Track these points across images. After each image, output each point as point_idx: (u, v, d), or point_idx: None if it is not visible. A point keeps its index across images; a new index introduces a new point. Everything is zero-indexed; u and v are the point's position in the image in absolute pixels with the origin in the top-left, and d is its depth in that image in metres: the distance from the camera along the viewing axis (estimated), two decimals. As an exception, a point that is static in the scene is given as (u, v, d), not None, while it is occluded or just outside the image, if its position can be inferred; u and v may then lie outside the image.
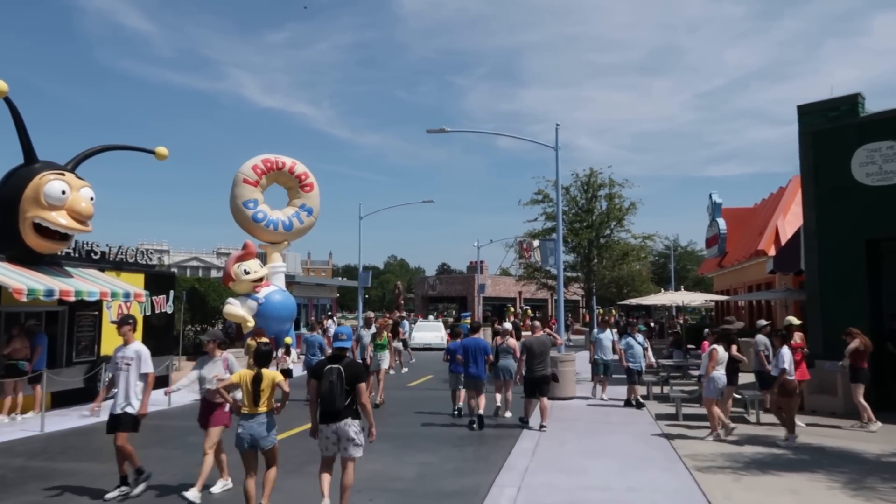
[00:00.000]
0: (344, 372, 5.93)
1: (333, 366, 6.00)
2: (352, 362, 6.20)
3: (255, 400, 6.18)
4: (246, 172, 24.36)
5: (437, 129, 16.42)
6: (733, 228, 25.38)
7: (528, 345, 11.15)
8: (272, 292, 24.20)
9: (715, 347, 10.21)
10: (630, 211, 17.48)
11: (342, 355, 6.18)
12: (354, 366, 6.19)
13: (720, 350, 10.17)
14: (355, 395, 5.99)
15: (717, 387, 10.03)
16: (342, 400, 5.89)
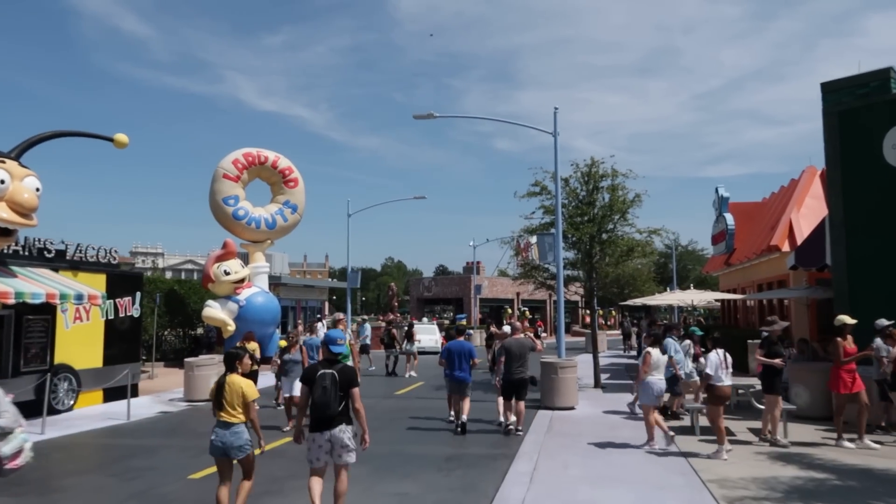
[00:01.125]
0: (338, 377, 5.78)
1: (327, 371, 5.82)
2: (345, 367, 5.97)
3: (219, 405, 5.98)
4: (226, 167, 23.03)
5: (424, 114, 15.09)
6: (741, 224, 24.08)
7: (507, 346, 10.86)
8: (254, 294, 22.87)
9: (649, 350, 9.74)
10: (635, 203, 16.08)
11: (336, 360, 6.01)
12: (348, 370, 5.95)
13: (654, 353, 9.69)
14: (349, 401, 5.86)
15: (653, 393, 9.58)
16: (336, 406, 5.74)
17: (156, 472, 8.65)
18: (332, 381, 5.72)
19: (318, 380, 5.75)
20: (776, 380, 9.75)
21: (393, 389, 17.14)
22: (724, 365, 9.02)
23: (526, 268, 17.66)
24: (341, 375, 5.80)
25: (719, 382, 8.97)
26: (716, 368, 8.99)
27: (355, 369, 6.67)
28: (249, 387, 6.03)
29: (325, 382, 5.72)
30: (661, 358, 9.79)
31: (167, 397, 15.82)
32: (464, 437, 10.75)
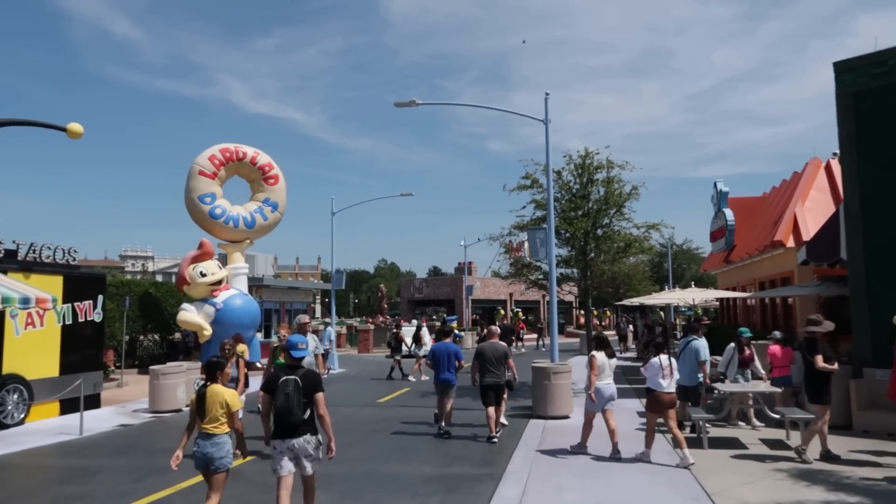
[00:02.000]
0: (301, 383, 5.61)
1: (289, 377, 5.64)
2: (308, 372, 5.81)
3: (201, 416, 5.75)
4: (202, 164, 21.89)
5: (406, 101, 14.04)
6: (741, 219, 23.12)
7: (480, 351, 10.53)
8: (232, 296, 21.72)
9: (594, 354, 9.29)
10: (632, 196, 15.08)
11: (298, 365, 5.86)
12: (312, 375, 5.78)
13: (599, 357, 9.20)
14: (314, 408, 5.67)
15: (601, 398, 9.17)
16: (300, 413, 5.55)
17: (86, 501, 7.52)
18: (294, 388, 5.55)
19: (281, 386, 5.58)
20: (826, 387, 8.70)
21: (376, 396, 16.06)
22: (668, 371, 8.70)
23: (517, 266, 16.61)
24: (304, 381, 5.62)
25: (658, 389, 8.68)
26: (655, 374, 8.70)
27: (319, 375, 6.24)
28: (232, 397, 5.81)
29: (288, 389, 5.55)
30: (606, 361, 9.25)
31: (132, 407, 14.70)
32: (447, 447, 9.72)
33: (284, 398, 5.51)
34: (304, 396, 5.57)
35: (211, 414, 5.69)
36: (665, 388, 8.67)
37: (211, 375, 5.89)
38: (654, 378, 8.75)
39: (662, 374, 8.67)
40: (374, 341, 34.30)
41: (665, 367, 8.69)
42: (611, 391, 9.26)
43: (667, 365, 8.71)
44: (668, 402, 8.70)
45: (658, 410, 8.74)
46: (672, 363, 8.83)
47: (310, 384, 5.64)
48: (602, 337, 9.73)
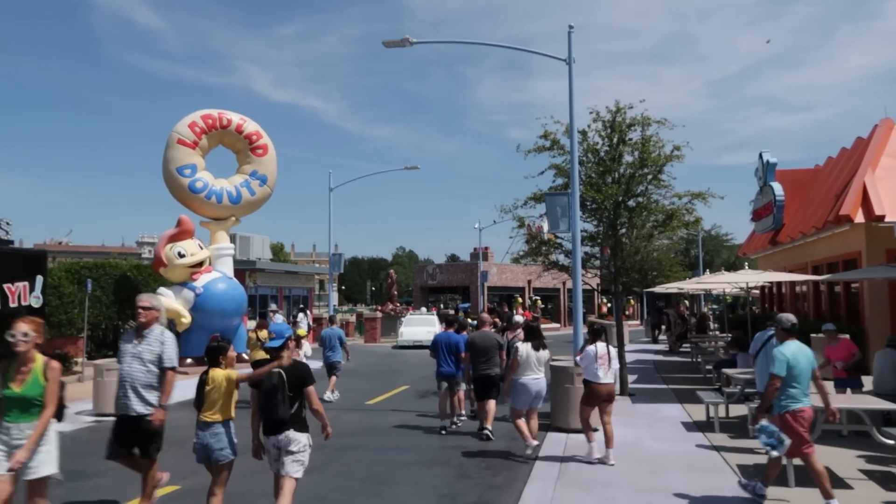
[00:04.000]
0: (286, 376, 5.20)
1: (274, 370, 5.24)
2: (296, 364, 5.37)
3: (199, 404, 5.42)
4: (181, 131, 19.53)
5: (397, 41, 11.55)
6: (791, 195, 20.30)
7: (470, 341, 9.85)
8: (214, 280, 19.43)
9: (518, 346, 8.44)
10: (673, 158, 12.42)
11: (278, 356, 5.32)
12: (299, 368, 5.35)
13: (522, 349, 8.32)
14: (302, 403, 5.27)
15: (522, 395, 8.24)
16: (286, 408, 5.13)
17: None
18: (279, 381, 5.20)
19: (265, 380, 5.24)
20: None
21: (365, 396, 13.66)
22: (604, 361, 8.04)
23: (533, 244, 14.00)
24: (290, 374, 5.25)
25: (594, 380, 8.03)
26: (590, 363, 8.07)
27: (308, 367, 5.58)
28: (229, 373, 5.50)
29: (272, 382, 5.21)
30: (532, 354, 8.28)
31: (77, 408, 12.42)
32: (433, 477, 7.31)
33: (269, 392, 5.17)
34: (291, 391, 5.17)
35: (210, 401, 5.37)
36: (602, 378, 8.02)
37: (212, 360, 5.53)
38: (589, 368, 8.09)
39: (599, 364, 8.01)
40: (381, 330, 31.96)
41: (601, 357, 8.03)
42: (538, 387, 8.30)
43: (603, 354, 8.05)
44: (605, 394, 8.07)
45: (594, 403, 8.14)
46: (610, 352, 8.11)
47: (297, 378, 5.24)
48: (531, 326, 8.88)
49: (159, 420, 5.83)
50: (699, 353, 17.72)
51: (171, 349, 5.99)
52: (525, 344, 8.37)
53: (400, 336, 27.30)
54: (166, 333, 6.08)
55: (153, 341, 5.95)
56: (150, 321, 6.04)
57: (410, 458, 8.35)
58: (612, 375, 8.17)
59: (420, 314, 29.99)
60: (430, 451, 8.79)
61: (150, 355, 5.91)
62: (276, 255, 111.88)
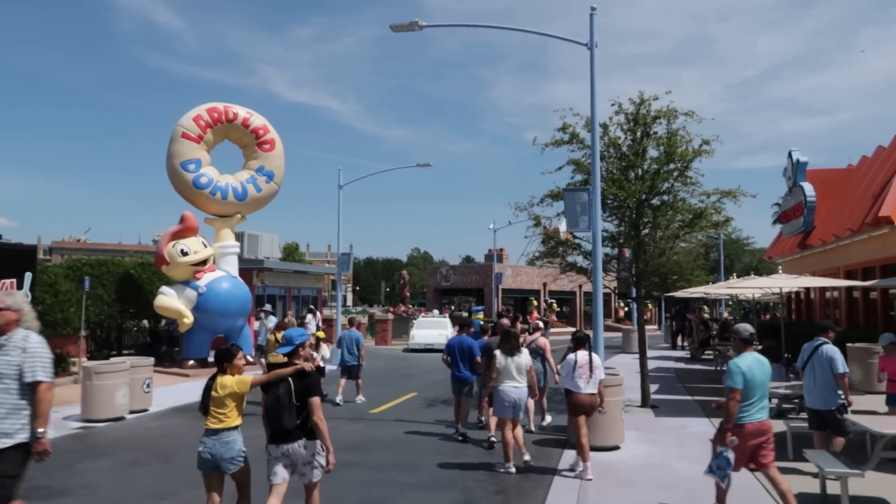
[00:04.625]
0: (293, 384, 4.97)
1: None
2: (304, 373, 5.04)
3: (205, 410, 5.09)
4: (185, 125, 18.93)
5: (405, 24, 10.77)
6: (823, 196, 19.28)
7: (487, 346, 9.47)
8: (218, 279, 18.78)
9: (495, 354, 8.15)
10: (702, 153, 11.54)
11: (291, 363, 5.12)
12: (307, 376, 5.04)
13: (497, 356, 8.07)
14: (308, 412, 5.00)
15: (502, 403, 7.95)
16: (291, 418, 4.92)
17: None
18: (286, 389, 4.93)
19: (273, 387, 4.99)
20: None
21: (370, 405, 12.88)
22: (585, 370, 7.72)
23: (549, 244, 13.14)
24: (297, 382, 4.98)
25: (576, 390, 7.74)
26: (569, 373, 7.78)
27: (317, 375, 5.22)
28: (242, 378, 5.12)
29: (279, 390, 4.95)
30: (510, 361, 7.96)
31: (66, 413, 11.79)
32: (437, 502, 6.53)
33: (274, 400, 4.98)
34: (298, 399, 4.97)
35: (217, 407, 5.07)
36: (583, 389, 7.71)
37: (219, 366, 5.22)
38: (568, 377, 7.80)
39: (579, 374, 7.71)
40: (393, 332, 31.23)
41: (582, 366, 7.73)
42: (517, 395, 7.92)
43: (584, 363, 7.74)
44: (587, 405, 7.74)
45: (577, 414, 7.77)
46: (593, 360, 7.81)
47: (303, 386, 5.02)
48: (508, 331, 8.29)
49: (39, 452, 4.61)
50: (724, 362, 16.75)
51: (38, 358, 4.64)
52: (498, 351, 8.07)
53: (411, 339, 26.55)
54: (31, 338, 4.72)
55: (12, 350, 4.60)
56: (7, 325, 4.70)
57: (412, 478, 7.56)
58: (594, 385, 7.79)
59: (432, 317, 29.24)
60: (435, 470, 8.00)
61: (7, 368, 4.55)
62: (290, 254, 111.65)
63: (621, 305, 50.60)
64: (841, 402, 7.28)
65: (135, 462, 8.36)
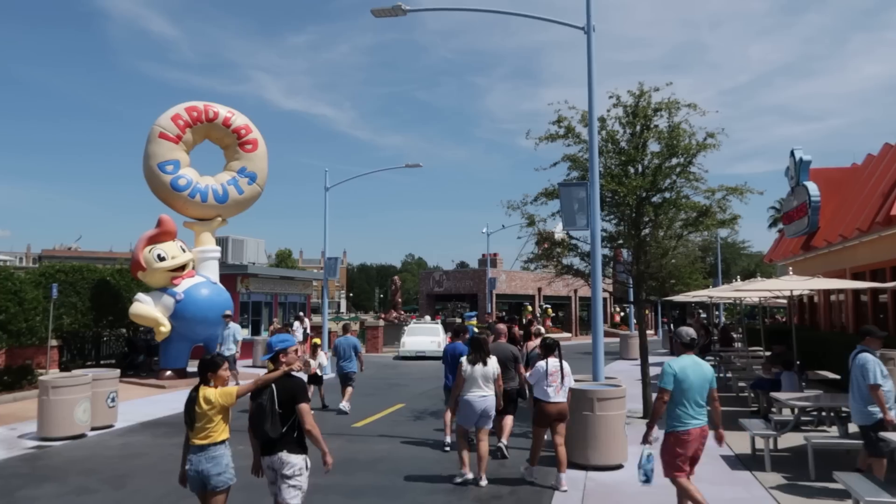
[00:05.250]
0: (275, 391, 4.70)
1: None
2: (288, 378, 4.80)
3: (189, 425, 4.81)
4: (163, 125, 18.10)
5: (387, 9, 10.00)
6: (827, 196, 18.60)
7: None
8: (196, 286, 17.90)
9: (461, 362, 7.80)
10: (706, 147, 10.80)
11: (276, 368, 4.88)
12: (290, 383, 4.79)
13: (463, 364, 7.73)
14: (296, 421, 4.73)
15: (464, 413, 7.62)
16: (276, 427, 4.66)
17: None
18: (269, 397, 4.69)
19: (257, 394, 4.76)
20: None
21: (353, 418, 12.04)
22: (555, 378, 7.44)
23: (544, 245, 12.35)
24: (281, 389, 4.72)
25: (544, 398, 7.44)
26: (539, 381, 7.49)
27: (303, 382, 4.90)
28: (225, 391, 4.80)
29: (263, 398, 4.71)
30: (476, 370, 7.60)
31: (23, 430, 10.92)
32: None
33: (257, 408, 4.70)
34: (281, 407, 4.65)
35: (201, 421, 4.74)
36: (552, 397, 7.40)
37: (202, 377, 4.90)
38: (538, 385, 7.51)
39: (549, 381, 7.41)
40: (384, 340, 30.34)
41: (552, 374, 7.45)
42: (485, 405, 7.58)
43: (554, 370, 7.47)
44: (555, 413, 7.44)
45: (545, 424, 7.53)
46: (563, 368, 7.52)
47: (287, 394, 4.69)
48: (476, 339, 7.92)
49: None
50: (728, 369, 16.01)
51: None
52: (464, 359, 7.76)
53: (402, 346, 25.70)
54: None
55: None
56: None
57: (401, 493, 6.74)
58: (564, 394, 7.53)
59: (424, 323, 28.39)
60: (420, 494, 7.18)
61: None
62: (283, 261, 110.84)
63: (617, 310, 49.83)
64: (878, 417, 6.50)
65: (83, 488, 7.50)
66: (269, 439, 4.68)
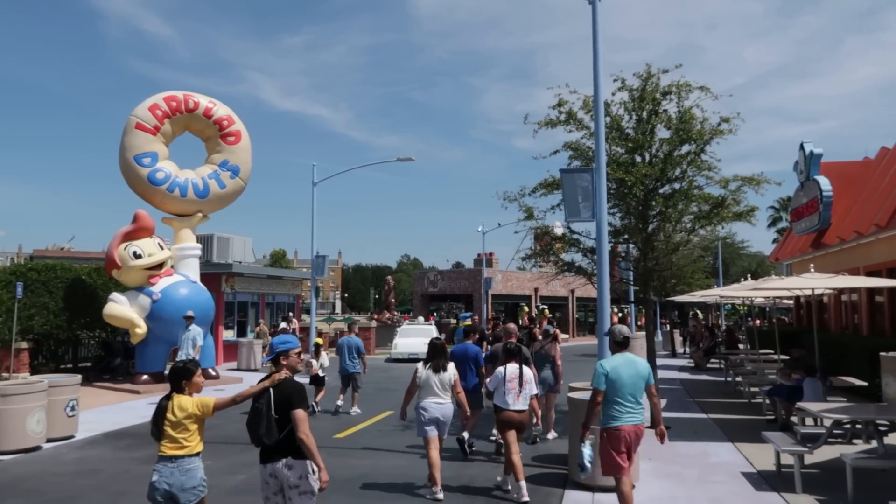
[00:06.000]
0: (273, 395, 4.44)
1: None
2: (286, 382, 4.52)
3: (158, 434, 4.53)
4: (141, 115, 17.12)
5: None
6: (839, 191, 17.73)
7: (494, 354, 9.18)
8: (175, 285, 16.92)
9: (417, 367, 7.36)
10: (720, 133, 9.91)
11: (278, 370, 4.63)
12: (288, 387, 4.51)
13: (418, 369, 7.29)
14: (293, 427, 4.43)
15: (422, 420, 7.14)
16: (271, 432, 4.38)
17: None
18: (266, 401, 4.43)
19: (256, 397, 4.49)
20: None
21: (338, 427, 11.13)
22: (514, 385, 7.01)
23: (544, 240, 11.39)
24: (277, 393, 4.45)
25: (503, 405, 7.05)
26: (497, 387, 7.11)
27: (301, 385, 4.60)
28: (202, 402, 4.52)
29: (260, 402, 4.44)
30: (432, 376, 7.23)
31: None
32: None
33: (253, 412, 4.43)
34: (277, 412, 4.38)
35: (173, 430, 4.47)
36: (512, 405, 7.05)
37: (175, 384, 4.61)
38: (498, 392, 7.17)
39: (508, 388, 7.05)
40: (376, 341, 29.42)
41: (511, 380, 7.06)
42: (440, 412, 7.17)
43: (514, 376, 7.07)
44: (516, 422, 7.08)
45: (505, 430, 7.14)
46: (525, 374, 7.13)
47: (283, 398, 4.41)
48: (434, 344, 7.47)
49: None
50: (737, 373, 15.12)
51: None
52: (419, 363, 7.39)
53: (394, 348, 24.77)
54: None
55: None
56: None
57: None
58: (524, 401, 7.08)
59: (416, 324, 27.44)
60: None
61: None
62: (277, 261, 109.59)
63: (615, 311, 48.96)
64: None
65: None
66: (266, 446, 4.43)
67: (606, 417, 5.63)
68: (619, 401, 5.57)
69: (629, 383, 5.58)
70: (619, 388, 5.56)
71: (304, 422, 4.41)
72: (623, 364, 5.66)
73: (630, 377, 5.60)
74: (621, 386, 5.56)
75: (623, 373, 5.60)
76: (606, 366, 5.65)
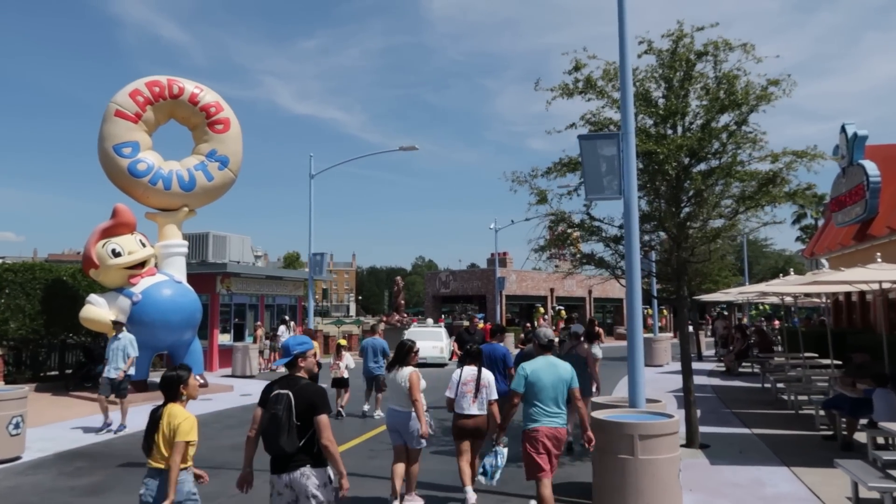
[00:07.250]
0: (293, 399, 4.17)
1: (282, 391, 4.22)
2: (307, 385, 4.29)
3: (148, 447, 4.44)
4: (121, 102, 15.77)
5: None
6: (887, 177, 16.01)
7: (525, 355, 8.09)
8: (157, 285, 15.54)
9: (413, 371, 6.62)
10: (768, 97, 8.36)
11: (293, 376, 4.35)
12: (310, 391, 4.26)
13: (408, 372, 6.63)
14: (314, 433, 4.18)
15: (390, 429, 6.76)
16: (292, 440, 4.11)
17: None
18: (286, 406, 4.16)
19: (271, 402, 4.21)
20: None
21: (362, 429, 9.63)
22: (471, 388, 6.41)
23: (560, 227, 9.83)
24: (298, 398, 4.19)
25: (458, 410, 6.47)
26: (455, 389, 6.46)
27: (323, 389, 4.35)
28: (187, 423, 4.38)
29: (278, 407, 4.16)
30: (391, 379, 6.53)
31: None
32: None
33: (270, 419, 4.14)
34: (298, 418, 4.13)
35: (163, 443, 4.38)
36: (466, 409, 6.42)
37: (169, 393, 4.48)
38: (454, 395, 6.50)
39: (463, 392, 6.42)
40: (384, 344, 27.97)
41: (466, 383, 6.44)
42: (394, 420, 6.50)
43: (469, 379, 6.44)
44: (471, 427, 6.44)
45: (459, 438, 6.57)
46: (482, 377, 6.45)
47: (305, 402, 4.16)
48: (401, 343, 6.91)
49: None
50: (778, 379, 13.50)
51: None
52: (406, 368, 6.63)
53: (400, 352, 23.31)
54: None
55: None
56: None
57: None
58: (482, 406, 6.49)
59: (424, 326, 25.94)
60: None
61: None
62: (290, 264, 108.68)
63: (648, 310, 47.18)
64: None
65: None
66: (284, 454, 4.14)
67: (526, 419, 5.64)
68: (538, 404, 5.58)
69: (549, 386, 5.59)
70: (538, 392, 5.58)
71: (328, 427, 4.19)
72: (545, 367, 5.68)
73: (551, 380, 5.61)
74: (541, 389, 5.58)
75: (543, 376, 5.61)
76: (528, 368, 5.67)
